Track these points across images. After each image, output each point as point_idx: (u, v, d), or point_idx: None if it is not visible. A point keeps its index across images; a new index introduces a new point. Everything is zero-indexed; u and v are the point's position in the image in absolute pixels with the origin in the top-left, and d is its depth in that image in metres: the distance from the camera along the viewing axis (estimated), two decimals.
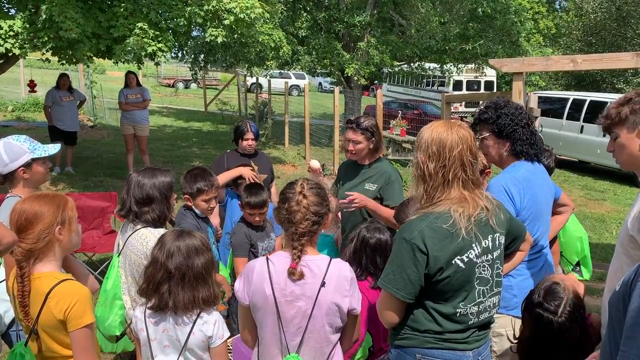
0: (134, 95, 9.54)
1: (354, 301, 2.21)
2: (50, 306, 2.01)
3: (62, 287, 2.04)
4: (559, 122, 14.11)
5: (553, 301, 2.16)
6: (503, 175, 2.79)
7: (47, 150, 2.92)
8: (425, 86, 26.11)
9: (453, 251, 2.05)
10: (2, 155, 2.78)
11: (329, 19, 15.50)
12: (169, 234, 2.41)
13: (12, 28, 7.29)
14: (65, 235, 2.14)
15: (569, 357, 2.13)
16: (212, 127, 18.13)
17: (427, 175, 2.10)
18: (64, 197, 2.21)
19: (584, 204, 10.27)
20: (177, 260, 2.28)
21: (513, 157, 2.83)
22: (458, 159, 2.08)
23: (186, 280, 2.27)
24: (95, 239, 5.72)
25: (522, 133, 2.78)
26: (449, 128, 2.13)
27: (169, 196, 2.90)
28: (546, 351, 2.17)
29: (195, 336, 2.28)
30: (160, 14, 7.88)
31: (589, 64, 4.82)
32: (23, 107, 17.02)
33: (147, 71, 31.12)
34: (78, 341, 2.02)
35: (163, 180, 2.89)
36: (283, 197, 2.24)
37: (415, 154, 2.17)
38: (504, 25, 14.93)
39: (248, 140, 4.68)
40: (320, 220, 2.21)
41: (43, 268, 2.09)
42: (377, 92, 10.06)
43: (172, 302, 2.26)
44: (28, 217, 2.08)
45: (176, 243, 2.32)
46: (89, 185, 8.87)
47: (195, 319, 2.28)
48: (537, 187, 2.81)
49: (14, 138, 2.88)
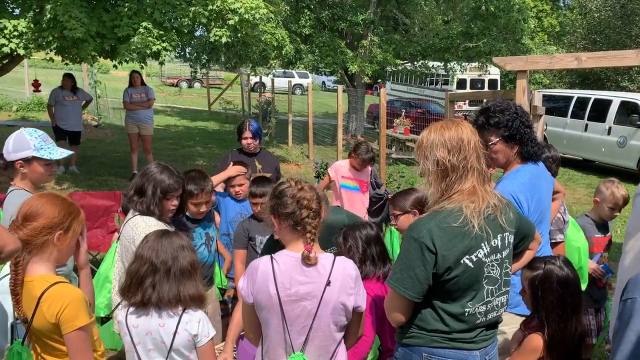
0: (138, 95, 9.56)
1: (359, 299, 2.21)
2: (42, 310, 2.01)
3: (53, 291, 2.03)
4: (563, 120, 14.07)
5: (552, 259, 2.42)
6: (510, 182, 2.72)
7: (51, 153, 2.86)
8: (428, 85, 26.06)
9: (462, 250, 2.05)
10: (9, 143, 2.83)
11: (332, 17, 15.50)
12: (153, 232, 2.41)
13: (16, 28, 7.31)
14: (62, 243, 2.13)
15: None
16: (216, 126, 18.15)
17: (449, 169, 2.09)
18: (78, 209, 2.21)
19: (589, 202, 10.23)
20: (163, 255, 2.27)
21: (521, 159, 2.78)
22: (474, 150, 2.12)
23: (171, 274, 2.26)
24: (99, 237, 5.74)
25: (530, 134, 2.75)
26: (456, 125, 2.15)
27: (161, 197, 2.84)
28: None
29: (180, 336, 2.25)
30: (164, 14, 7.88)
31: (593, 61, 4.81)
32: (27, 106, 17.06)
33: (151, 71, 31.19)
34: (72, 343, 2.02)
35: (164, 180, 2.85)
36: (278, 194, 2.21)
37: (428, 154, 2.13)
38: (508, 23, 14.89)
39: (247, 139, 4.66)
40: (321, 205, 2.21)
41: (37, 270, 2.08)
42: (380, 91, 10.04)
43: (156, 296, 2.23)
44: (38, 210, 2.08)
45: (161, 240, 2.32)
46: (93, 185, 8.89)
47: (180, 316, 2.25)
48: (541, 190, 2.80)
49: (29, 131, 2.88)
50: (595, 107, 13.44)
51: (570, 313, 2.33)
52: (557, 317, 2.31)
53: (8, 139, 2.85)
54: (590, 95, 13.96)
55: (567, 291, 2.33)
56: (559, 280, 2.33)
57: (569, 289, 2.33)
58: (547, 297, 2.34)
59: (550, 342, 2.31)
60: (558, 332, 2.31)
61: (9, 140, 2.85)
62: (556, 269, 2.36)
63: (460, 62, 17.29)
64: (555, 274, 2.35)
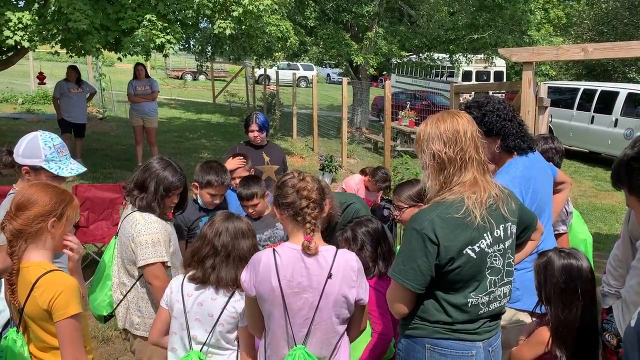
0: (142, 87, 9.56)
1: (361, 291, 2.20)
2: (35, 296, 2.02)
3: (48, 277, 2.04)
4: (570, 112, 13.99)
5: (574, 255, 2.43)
6: (501, 177, 2.72)
7: (61, 168, 2.71)
8: (434, 77, 25.95)
9: (464, 241, 2.04)
10: (22, 146, 2.70)
11: (337, 9, 15.42)
12: (219, 215, 2.52)
13: (21, 20, 7.31)
14: (57, 230, 2.13)
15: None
16: (221, 119, 18.15)
17: (446, 162, 2.08)
18: (71, 196, 2.21)
19: (594, 195, 10.19)
20: (224, 239, 2.39)
21: (506, 153, 2.79)
22: (471, 140, 2.10)
23: (230, 259, 2.38)
24: (104, 229, 5.77)
25: (510, 127, 2.74)
26: (452, 116, 2.14)
27: (164, 195, 2.79)
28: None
29: (227, 311, 2.37)
30: (168, 6, 7.87)
31: (600, 53, 4.77)
32: (33, 99, 17.10)
33: (156, 63, 31.17)
34: (63, 332, 2.02)
35: (167, 177, 2.79)
36: (280, 184, 2.22)
37: (425, 147, 2.13)
38: (514, 14, 14.78)
39: (254, 131, 4.65)
40: (324, 197, 2.21)
41: (34, 257, 2.09)
42: (385, 83, 10.02)
43: (214, 277, 2.37)
44: (30, 199, 2.09)
45: (225, 224, 2.43)
46: (98, 177, 8.92)
47: (232, 294, 2.38)
48: (537, 181, 2.80)
49: (44, 139, 2.70)
50: (601, 99, 13.34)
51: (571, 300, 2.36)
52: (560, 303, 2.37)
53: (22, 139, 2.73)
54: (597, 87, 13.87)
55: (568, 278, 2.37)
56: (558, 268, 2.38)
57: (570, 276, 2.37)
58: (547, 283, 2.41)
59: (554, 327, 2.37)
60: (560, 318, 2.36)
61: (22, 141, 2.72)
62: (556, 256, 2.42)
63: (465, 53, 17.19)
64: (554, 262, 2.40)
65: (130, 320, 2.86)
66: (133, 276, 2.82)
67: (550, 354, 2.37)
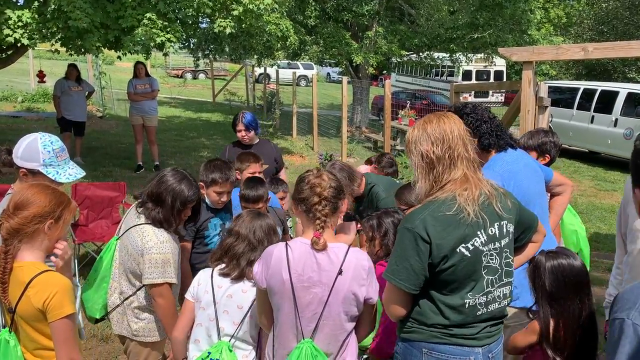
0: (142, 86, 9.56)
1: (371, 290, 2.22)
2: (29, 295, 2.02)
3: (42, 278, 2.04)
4: (570, 112, 13.99)
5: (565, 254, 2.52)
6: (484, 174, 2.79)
7: (59, 173, 2.66)
8: (434, 76, 25.96)
9: (457, 239, 2.03)
10: (20, 147, 2.66)
11: (337, 8, 15.41)
12: (246, 213, 2.60)
13: (21, 18, 7.31)
14: (54, 232, 2.13)
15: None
16: (221, 117, 18.14)
17: (435, 161, 2.10)
18: (69, 199, 2.22)
19: (594, 194, 10.19)
20: (259, 235, 2.49)
21: (484, 151, 2.87)
22: (459, 139, 2.12)
23: None
24: (104, 228, 5.77)
25: (485, 128, 2.86)
26: (439, 117, 2.17)
27: (180, 209, 2.74)
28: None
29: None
30: (168, 5, 7.86)
31: (600, 52, 4.77)
32: (32, 97, 17.09)
33: (156, 62, 31.16)
34: (58, 332, 2.02)
35: (184, 191, 2.73)
36: (299, 180, 2.30)
37: (413, 149, 2.16)
38: (514, 13, 14.77)
39: (241, 131, 4.64)
40: (339, 197, 2.24)
41: (27, 257, 2.09)
42: (385, 82, 10.02)
43: (251, 271, 2.37)
44: (29, 199, 2.09)
45: (257, 221, 2.53)
46: (97, 176, 8.92)
47: None
48: (520, 174, 2.85)
49: (44, 142, 2.66)
50: (601, 99, 13.34)
51: (558, 298, 2.44)
52: (548, 301, 2.46)
53: (22, 140, 2.69)
54: (597, 87, 13.86)
55: (556, 278, 2.45)
56: (546, 268, 2.47)
57: (558, 276, 2.45)
58: (537, 283, 2.50)
59: (545, 324, 2.45)
60: (551, 315, 2.45)
61: (21, 142, 2.68)
62: (544, 258, 2.49)
63: (465, 53, 17.19)
64: (542, 263, 2.48)
65: (127, 327, 2.80)
66: (134, 285, 2.77)
67: (541, 347, 2.45)
